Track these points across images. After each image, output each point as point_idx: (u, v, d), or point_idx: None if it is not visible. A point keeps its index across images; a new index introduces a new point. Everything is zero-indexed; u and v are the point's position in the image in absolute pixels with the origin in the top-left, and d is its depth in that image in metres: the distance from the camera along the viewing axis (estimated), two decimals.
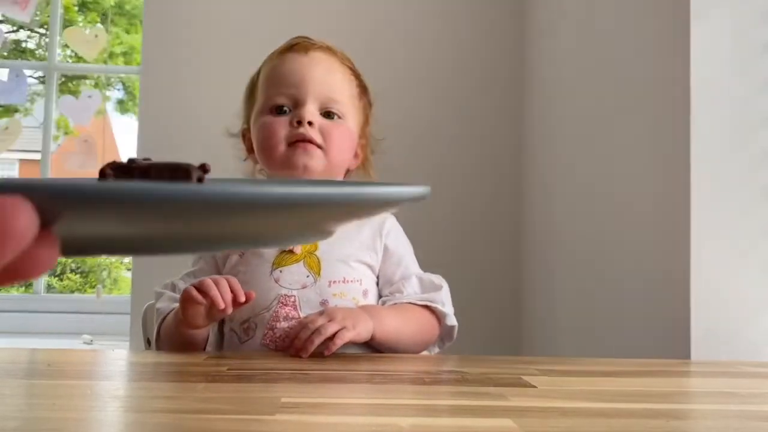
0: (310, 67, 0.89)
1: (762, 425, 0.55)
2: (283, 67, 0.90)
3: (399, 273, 0.92)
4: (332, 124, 0.89)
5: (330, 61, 0.91)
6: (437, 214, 1.81)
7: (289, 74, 0.89)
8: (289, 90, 0.88)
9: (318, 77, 0.89)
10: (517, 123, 1.85)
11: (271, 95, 0.89)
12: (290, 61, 0.90)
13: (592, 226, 1.36)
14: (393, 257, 0.93)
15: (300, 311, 0.83)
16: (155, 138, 1.83)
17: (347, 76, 0.93)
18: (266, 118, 0.89)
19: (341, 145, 0.89)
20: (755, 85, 1.01)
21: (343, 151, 0.90)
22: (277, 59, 0.91)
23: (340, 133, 0.89)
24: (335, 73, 0.91)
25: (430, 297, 0.89)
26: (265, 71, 0.93)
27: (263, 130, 0.89)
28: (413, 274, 0.93)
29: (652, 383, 0.73)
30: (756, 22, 1.02)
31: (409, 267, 0.94)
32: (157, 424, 0.49)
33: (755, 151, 1.01)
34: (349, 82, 0.93)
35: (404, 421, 0.49)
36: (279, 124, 0.87)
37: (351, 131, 0.91)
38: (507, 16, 1.88)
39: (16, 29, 3.97)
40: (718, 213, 1.00)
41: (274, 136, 0.87)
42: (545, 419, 0.53)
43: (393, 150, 1.03)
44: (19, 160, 13.40)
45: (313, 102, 0.88)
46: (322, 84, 0.88)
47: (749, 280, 0.99)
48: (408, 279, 0.91)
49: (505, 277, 1.82)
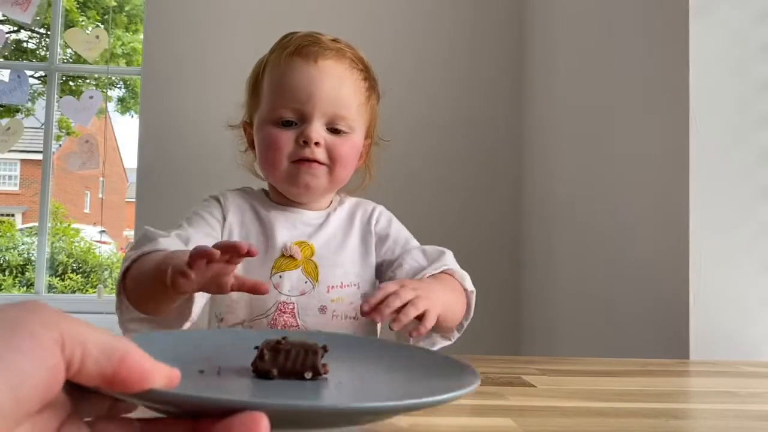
0: (319, 80, 0.85)
1: (761, 425, 0.55)
2: (290, 77, 0.86)
3: (398, 251, 0.90)
4: (339, 141, 0.86)
5: (339, 71, 0.87)
6: (437, 213, 1.81)
7: (297, 88, 0.85)
8: (296, 104, 0.85)
9: (326, 92, 0.85)
10: (517, 123, 1.85)
11: (277, 107, 0.86)
12: (298, 71, 0.86)
13: (592, 226, 1.36)
14: (388, 240, 0.91)
15: (299, 319, 0.83)
16: (156, 138, 1.84)
17: (357, 82, 0.89)
18: (271, 130, 0.86)
19: (347, 162, 0.88)
20: (754, 85, 1.01)
21: (347, 167, 0.89)
22: (285, 65, 0.87)
23: (347, 150, 0.87)
24: (344, 85, 0.87)
25: (443, 262, 0.86)
26: (272, 75, 0.89)
27: (267, 142, 0.87)
28: (414, 247, 0.91)
29: (651, 383, 0.73)
30: (755, 22, 1.02)
31: (409, 242, 0.92)
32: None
33: (754, 150, 1.01)
34: (358, 90, 0.89)
35: (404, 420, 0.50)
36: (284, 139, 0.85)
37: (357, 144, 0.89)
38: (506, 16, 1.88)
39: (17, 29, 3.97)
40: (718, 212, 1.00)
41: (279, 152, 0.85)
42: (545, 419, 0.53)
43: (393, 150, 1.03)
44: (20, 160, 13.38)
45: (320, 118, 0.85)
46: (330, 100, 0.85)
47: (748, 280, 1.00)
48: (408, 252, 0.89)
49: (505, 277, 1.82)
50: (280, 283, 0.85)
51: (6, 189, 12.86)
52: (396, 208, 0.97)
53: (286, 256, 0.86)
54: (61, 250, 5.53)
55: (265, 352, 0.41)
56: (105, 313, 1.90)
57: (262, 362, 0.41)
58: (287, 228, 0.88)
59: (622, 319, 1.20)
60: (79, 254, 5.57)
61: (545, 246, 1.65)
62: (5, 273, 5.22)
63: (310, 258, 0.87)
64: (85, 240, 6.02)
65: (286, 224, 0.89)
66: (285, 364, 0.41)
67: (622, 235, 1.22)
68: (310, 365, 0.41)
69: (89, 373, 0.31)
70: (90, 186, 13.11)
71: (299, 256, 0.86)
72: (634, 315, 1.16)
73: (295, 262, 0.86)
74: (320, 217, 0.91)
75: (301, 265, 0.86)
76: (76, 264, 5.49)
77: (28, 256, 5.36)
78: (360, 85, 0.89)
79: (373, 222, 0.92)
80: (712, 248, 0.99)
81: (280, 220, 0.89)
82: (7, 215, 12.02)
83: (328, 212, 0.92)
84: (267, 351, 0.41)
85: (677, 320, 1.01)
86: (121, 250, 7.52)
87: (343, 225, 0.91)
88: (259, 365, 0.41)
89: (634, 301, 1.16)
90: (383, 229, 0.92)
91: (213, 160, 1.01)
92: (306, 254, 0.87)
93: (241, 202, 0.91)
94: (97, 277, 5.37)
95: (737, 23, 1.02)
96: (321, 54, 0.86)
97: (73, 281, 5.37)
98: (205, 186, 1.00)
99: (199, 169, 1.75)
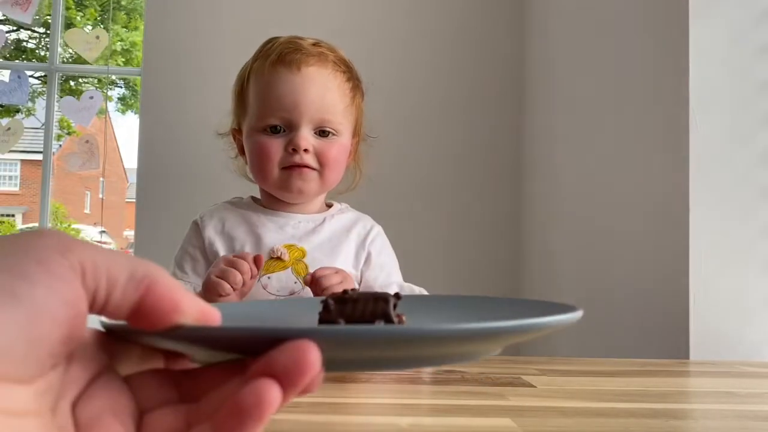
0: (303, 88, 0.86)
1: (761, 425, 0.55)
2: (275, 86, 0.87)
3: (381, 279, 0.92)
4: (327, 144, 0.88)
5: (323, 76, 0.88)
6: (437, 214, 1.82)
7: (282, 97, 0.86)
8: (282, 113, 0.86)
9: (312, 99, 0.86)
10: (517, 124, 1.85)
11: (264, 115, 0.87)
12: (283, 80, 0.87)
13: (592, 226, 1.36)
14: (375, 264, 0.93)
15: None
16: (156, 138, 1.84)
17: (341, 85, 0.90)
18: (260, 138, 0.88)
19: (336, 164, 0.89)
20: (754, 85, 1.01)
21: (338, 169, 0.91)
22: (269, 74, 0.88)
23: (336, 152, 0.89)
24: (329, 90, 0.88)
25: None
26: (257, 84, 0.90)
27: (257, 151, 0.88)
28: (394, 282, 0.92)
29: (651, 383, 0.73)
30: (755, 22, 1.02)
31: (391, 275, 0.94)
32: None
33: (754, 151, 1.01)
34: (343, 93, 0.90)
35: (403, 420, 0.50)
36: (273, 147, 0.87)
37: (345, 146, 0.91)
38: (507, 16, 1.88)
39: (17, 29, 3.97)
40: (717, 213, 1.00)
41: (269, 160, 0.87)
42: (544, 419, 0.53)
43: (393, 149, 1.03)
44: (20, 161, 13.39)
45: (307, 125, 0.87)
46: (316, 106, 0.86)
47: (748, 280, 1.00)
48: (388, 286, 0.91)
49: (505, 277, 1.82)
50: (268, 284, 0.87)
51: (6, 189, 12.87)
52: (396, 207, 0.98)
53: (274, 258, 0.87)
54: None
55: (330, 302, 0.37)
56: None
57: (327, 313, 0.37)
58: (275, 231, 0.90)
59: (622, 319, 1.20)
60: None
61: (545, 246, 1.65)
62: None
63: (300, 259, 0.88)
64: (86, 240, 6.03)
65: (273, 228, 0.91)
66: (353, 314, 0.36)
67: (622, 235, 1.23)
68: (381, 313, 0.36)
69: (117, 306, 0.26)
70: (90, 186, 13.12)
71: (287, 257, 0.88)
72: (634, 315, 1.16)
73: (283, 264, 0.87)
74: (314, 221, 0.93)
75: (290, 266, 0.87)
76: None
77: None
78: (344, 87, 0.91)
79: (369, 240, 0.94)
80: (712, 248, 0.99)
81: (267, 225, 0.91)
82: (8, 215, 12.02)
83: (324, 217, 0.93)
84: (333, 301, 0.37)
85: (677, 320, 1.01)
86: (122, 251, 7.52)
87: (339, 233, 0.93)
88: (324, 316, 0.37)
89: (634, 301, 1.16)
90: (375, 252, 0.94)
91: (213, 160, 1.01)
92: (295, 256, 0.88)
93: (224, 213, 0.93)
94: None
95: (737, 23, 1.02)
96: (304, 61, 0.87)
97: None
98: (205, 186, 1.00)
99: (200, 170, 1.75)
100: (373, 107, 1.01)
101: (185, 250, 0.93)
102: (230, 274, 0.76)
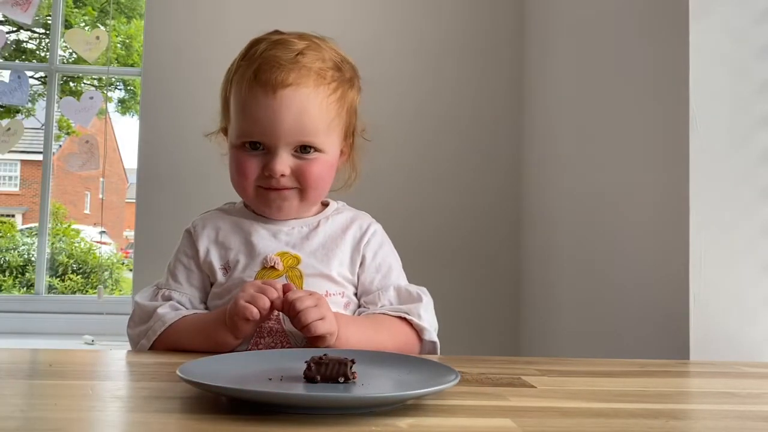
0: (279, 112, 0.82)
1: (761, 425, 0.55)
2: (252, 107, 0.84)
3: (377, 281, 0.90)
4: (307, 164, 0.85)
5: (301, 98, 0.83)
6: (438, 215, 1.81)
7: (258, 120, 0.83)
8: (259, 136, 0.84)
9: (289, 124, 0.83)
10: (517, 124, 1.85)
11: (243, 131, 0.85)
12: (258, 104, 0.83)
13: (592, 227, 1.36)
14: (371, 265, 0.91)
15: (284, 324, 0.83)
16: (156, 139, 1.84)
17: (324, 100, 0.85)
18: (239, 153, 0.86)
19: (317, 183, 0.87)
20: (754, 85, 1.01)
21: (321, 186, 0.88)
22: (247, 92, 0.84)
23: (318, 171, 0.86)
24: (307, 111, 0.83)
25: (406, 308, 0.87)
26: (237, 97, 0.86)
27: (235, 167, 0.87)
28: (392, 284, 0.91)
29: (651, 383, 0.73)
30: (755, 22, 1.02)
31: (389, 277, 0.91)
32: (158, 424, 0.49)
33: (754, 150, 1.01)
34: (326, 108, 0.85)
35: (403, 421, 0.50)
36: (251, 166, 0.85)
37: (329, 162, 0.88)
38: (507, 14, 1.88)
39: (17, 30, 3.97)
40: (718, 213, 1.00)
41: (246, 178, 0.86)
42: (544, 419, 0.53)
43: (393, 149, 1.03)
44: (20, 161, 13.39)
45: (285, 147, 0.84)
46: (294, 130, 0.83)
47: (749, 280, 1.00)
48: (385, 290, 0.90)
49: (505, 277, 1.82)
50: None
51: (6, 189, 12.85)
52: (396, 207, 0.97)
53: (268, 267, 0.87)
54: (61, 250, 5.53)
55: (311, 364, 0.59)
56: (105, 314, 1.90)
57: (309, 371, 0.59)
58: (268, 239, 0.89)
59: (622, 319, 1.20)
60: (79, 255, 5.57)
61: (545, 246, 1.65)
62: (5, 273, 5.22)
63: (295, 267, 0.87)
64: (86, 240, 6.02)
65: (267, 235, 0.89)
66: (325, 373, 0.59)
67: (622, 235, 1.22)
68: (342, 373, 0.59)
69: None
70: (90, 186, 13.11)
71: (280, 266, 0.87)
72: (634, 315, 1.15)
73: (277, 272, 0.87)
74: (308, 224, 0.91)
75: (284, 274, 0.87)
76: (77, 264, 5.49)
77: (28, 256, 5.36)
78: (329, 101, 0.86)
79: (364, 241, 0.92)
80: (712, 248, 0.99)
81: (261, 233, 0.90)
82: (8, 216, 12.02)
83: (319, 220, 0.92)
84: (313, 364, 0.59)
85: (677, 320, 1.01)
86: (122, 251, 7.51)
87: (334, 235, 0.91)
88: (307, 374, 0.59)
89: (634, 301, 1.16)
90: (371, 253, 0.92)
91: (213, 160, 1.00)
92: (289, 263, 0.87)
93: (217, 222, 0.92)
94: (97, 278, 5.37)
95: (737, 23, 1.02)
96: (280, 82, 0.82)
97: (73, 282, 5.37)
98: (204, 186, 1.00)
99: (199, 170, 1.75)
100: (374, 107, 1.00)
101: (179, 259, 0.92)
102: (260, 300, 0.76)
